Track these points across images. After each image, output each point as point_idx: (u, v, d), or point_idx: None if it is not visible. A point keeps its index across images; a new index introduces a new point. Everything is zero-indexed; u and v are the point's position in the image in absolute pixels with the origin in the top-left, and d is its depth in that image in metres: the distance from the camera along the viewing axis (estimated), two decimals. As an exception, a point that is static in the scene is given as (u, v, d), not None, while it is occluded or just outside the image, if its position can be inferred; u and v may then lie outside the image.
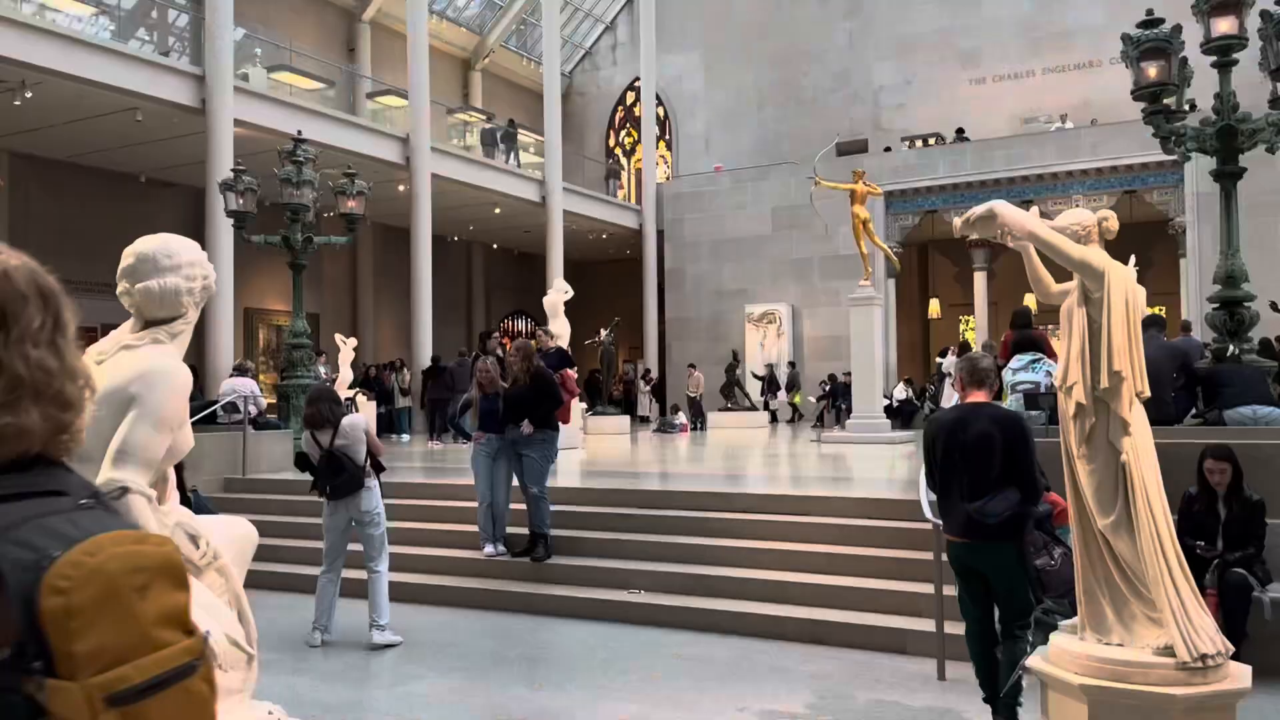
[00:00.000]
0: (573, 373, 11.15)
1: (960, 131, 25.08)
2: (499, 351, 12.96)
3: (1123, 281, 3.85)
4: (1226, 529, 5.60)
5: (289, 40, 22.35)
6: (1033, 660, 3.94)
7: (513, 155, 24.86)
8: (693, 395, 22.73)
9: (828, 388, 22.39)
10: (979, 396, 4.69)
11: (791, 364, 24.28)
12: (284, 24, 23.27)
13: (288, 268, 12.95)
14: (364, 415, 7.03)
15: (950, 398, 13.35)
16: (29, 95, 14.95)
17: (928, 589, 5.99)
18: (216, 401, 11.86)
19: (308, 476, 6.84)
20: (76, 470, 1.09)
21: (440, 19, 27.35)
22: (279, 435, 11.78)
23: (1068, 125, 23.57)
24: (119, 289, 2.77)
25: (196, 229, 16.67)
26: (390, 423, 19.39)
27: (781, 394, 23.76)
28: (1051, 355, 8.37)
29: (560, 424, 8.60)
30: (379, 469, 6.77)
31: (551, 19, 25.67)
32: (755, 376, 23.82)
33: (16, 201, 18.59)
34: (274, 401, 15.04)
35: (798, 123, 28.93)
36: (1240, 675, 3.60)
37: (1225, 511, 5.62)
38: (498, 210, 24.59)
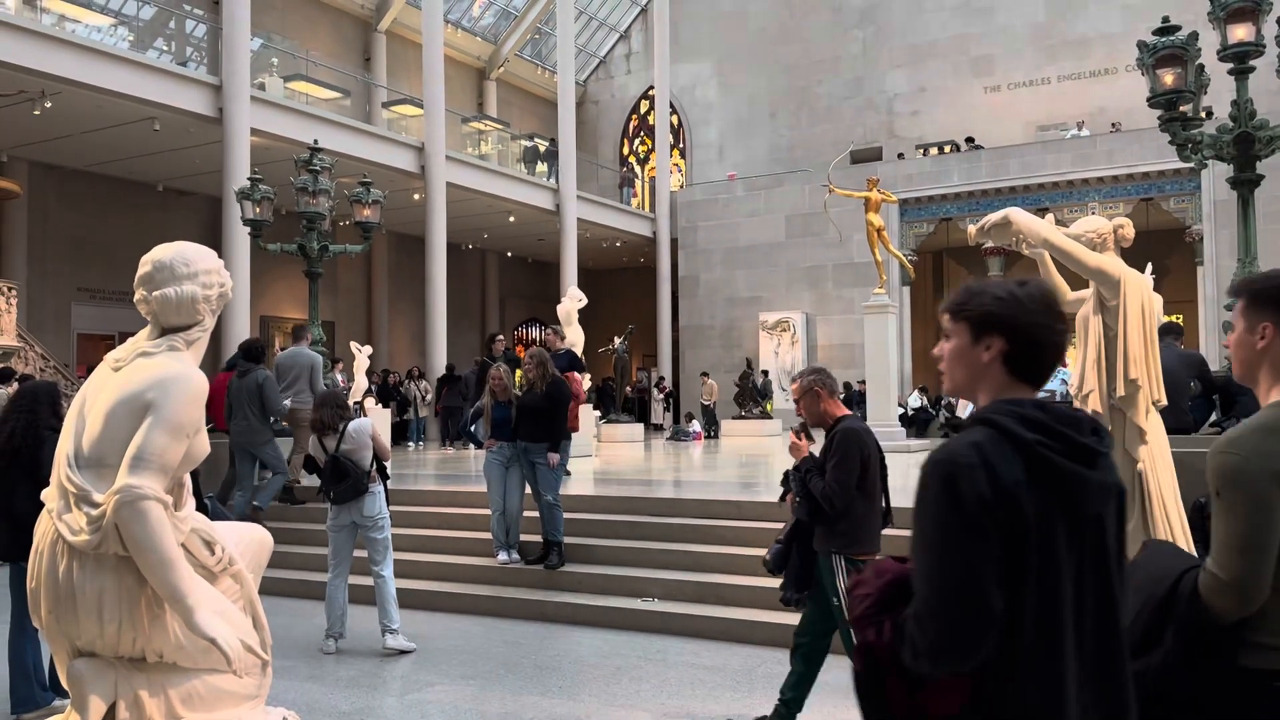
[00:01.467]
0: (579, 377, 11.13)
1: (970, 140, 25.02)
2: (502, 351, 12.87)
3: (1139, 289, 3.84)
4: None
5: (305, 50, 22.52)
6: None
7: (554, 175, 25.09)
8: (706, 403, 22.71)
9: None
10: (844, 409, 4.75)
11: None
12: (300, 34, 23.44)
13: (303, 275, 13.01)
14: (371, 419, 7.03)
15: (966, 407, 13.30)
16: (48, 105, 15.11)
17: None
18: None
19: (317, 480, 6.88)
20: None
21: (455, 28, 27.49)
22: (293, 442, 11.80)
23: (1084, 133, 23.47)
24: (136, 296, 2.79)
25: (213, 237, 16.80)
26: (405, 430, 19.46)
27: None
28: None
29: (571, 431, 8.59)
30: (384, 474, 6.79)
31: (566, 28, 25.77)
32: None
33: (35, 210, 18.77)
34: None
35: (811, 130, 28.93)
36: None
37: None
38: (512, 218, 24.67)
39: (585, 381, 14.10)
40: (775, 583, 7.25)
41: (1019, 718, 1.67)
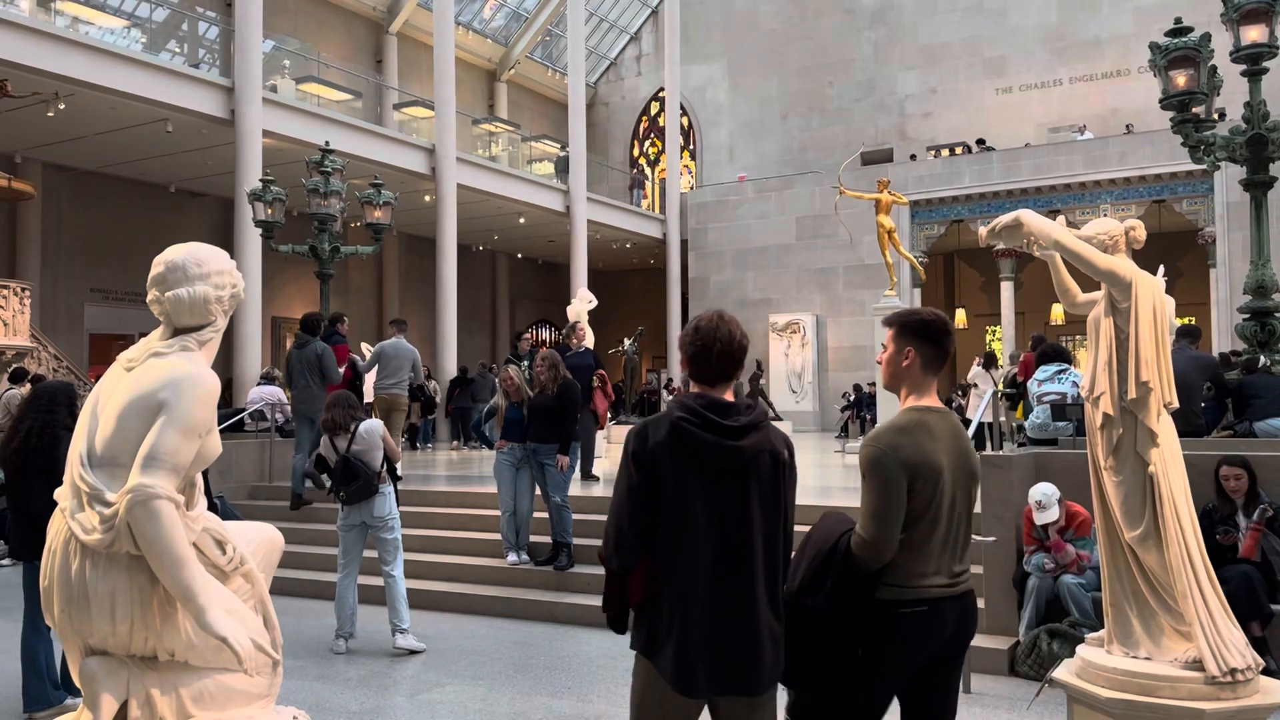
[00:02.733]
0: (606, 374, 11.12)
1: (981, 142, 24.95)
2: (528, 349, 12.85)
3: (1150, 292, 3.82)
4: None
5: (317, 52, 22.59)
6: (1059, 673, 3.90)
7: (564, 177, 25.19)
8: (716, 405, 22.65)
9: (851, 398, 22.28)
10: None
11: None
12: (312, 36, 23.52)
13: (314, 277, 13.06)
14: (381, 421, 7.05)
15: (975, 408, 13.27)
16: (62, 107, 15.20)
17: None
18: (244, 409, 11.98)
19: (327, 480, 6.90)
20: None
21: (466, 30, 27.55)
22: (305, 443, 11.84)
23: (1086, 135, 23.39)
24: (149, 297, 2.81)
25: (225, 238, 16.88)
26: (421, 432, 19.47)
27: None
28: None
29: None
30: (394, 475, 6.81)
31: (576, 30, 25.80)
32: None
33: (49, 211, 18.88)
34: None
35: (822, 132, 28.90)
36: (1270, 690, 3.54)
37: (1245, 521, 5.60)
38: (522, 220, 24.71)
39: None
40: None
41: (662, 592, 2.61)
